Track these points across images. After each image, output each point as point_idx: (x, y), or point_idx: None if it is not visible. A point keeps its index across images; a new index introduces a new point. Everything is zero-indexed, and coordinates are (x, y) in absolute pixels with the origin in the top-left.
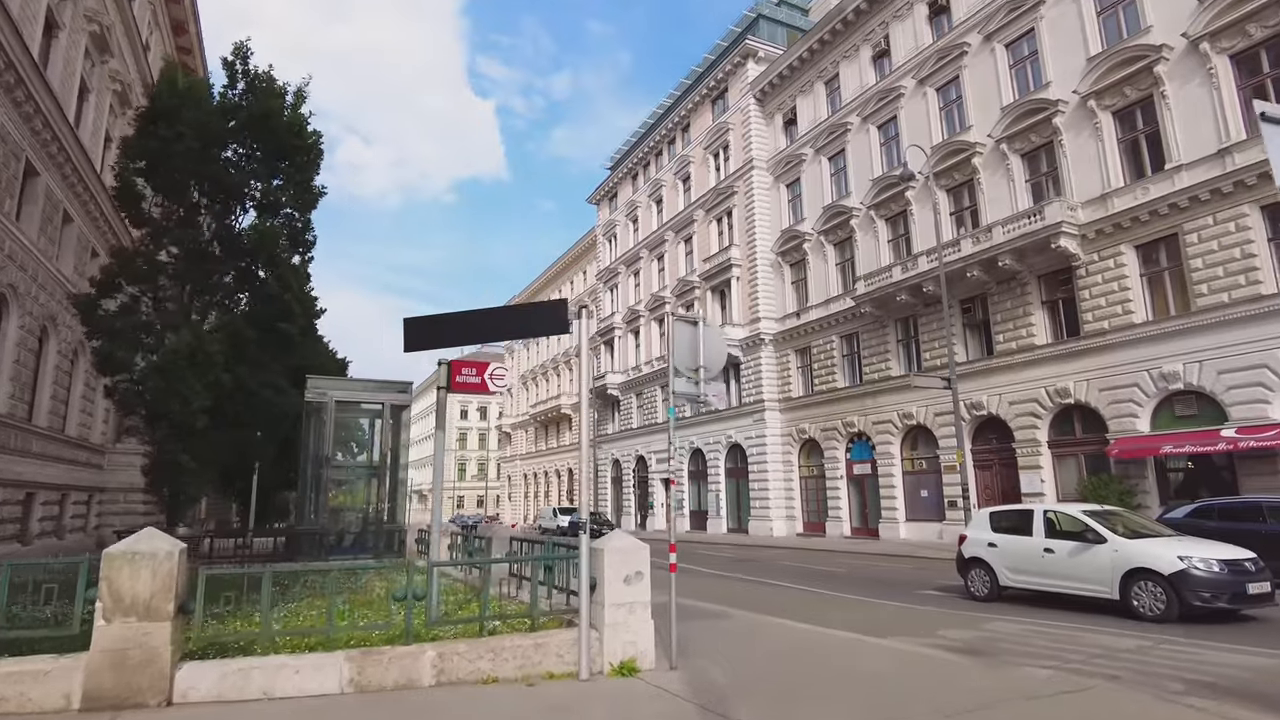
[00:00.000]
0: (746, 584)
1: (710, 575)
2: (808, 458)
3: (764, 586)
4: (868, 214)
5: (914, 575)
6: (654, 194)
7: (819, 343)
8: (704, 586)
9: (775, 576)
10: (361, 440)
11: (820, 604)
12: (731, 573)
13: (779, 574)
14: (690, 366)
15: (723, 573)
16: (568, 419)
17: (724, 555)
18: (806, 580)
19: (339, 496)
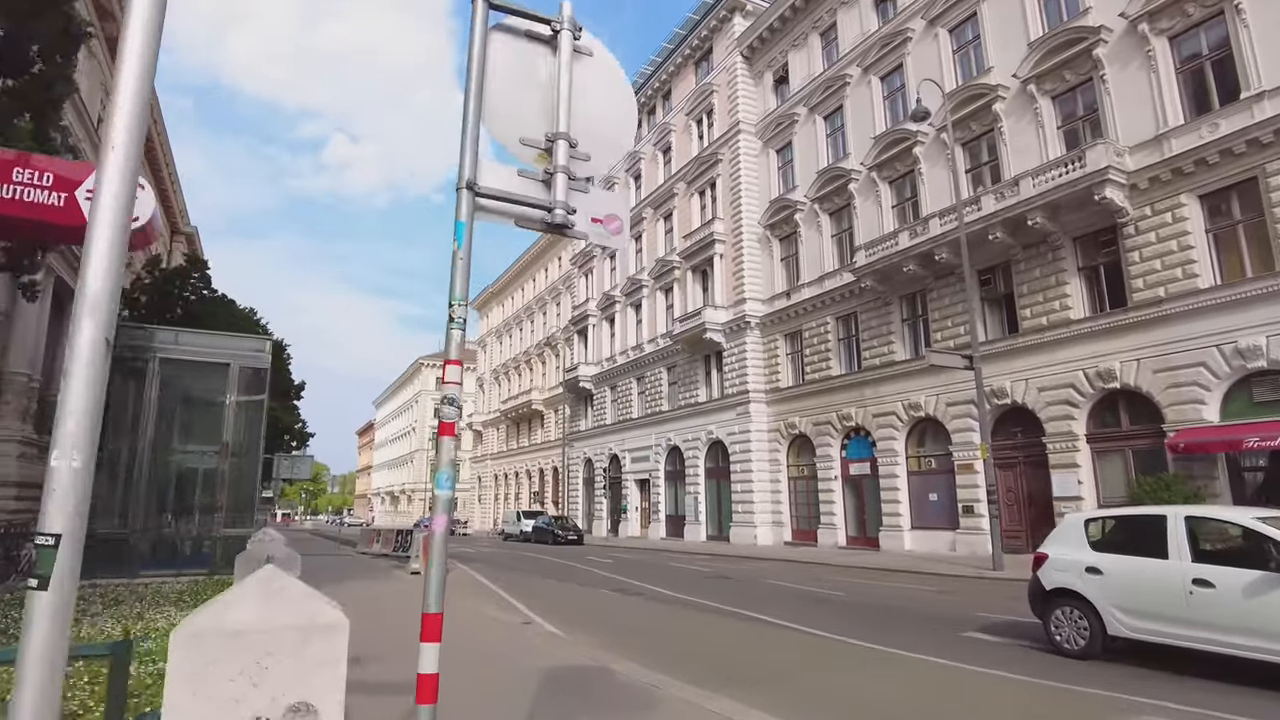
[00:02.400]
0: (714, 618)
1: (668, 602)
2: (798, 456)
3: (737, 622)
4: (869, 176)
5: (939, 602)
6: (632, 168)
7: (812, 325)
8: (650, 621)
9: (756, 603)
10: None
11: (822, 659)
12: (699, 597)
13: (762, 600)
14: (530, 138)
15: (688, 597)
16: (540, 415)
17: (696, 569)
18: (798, 610)
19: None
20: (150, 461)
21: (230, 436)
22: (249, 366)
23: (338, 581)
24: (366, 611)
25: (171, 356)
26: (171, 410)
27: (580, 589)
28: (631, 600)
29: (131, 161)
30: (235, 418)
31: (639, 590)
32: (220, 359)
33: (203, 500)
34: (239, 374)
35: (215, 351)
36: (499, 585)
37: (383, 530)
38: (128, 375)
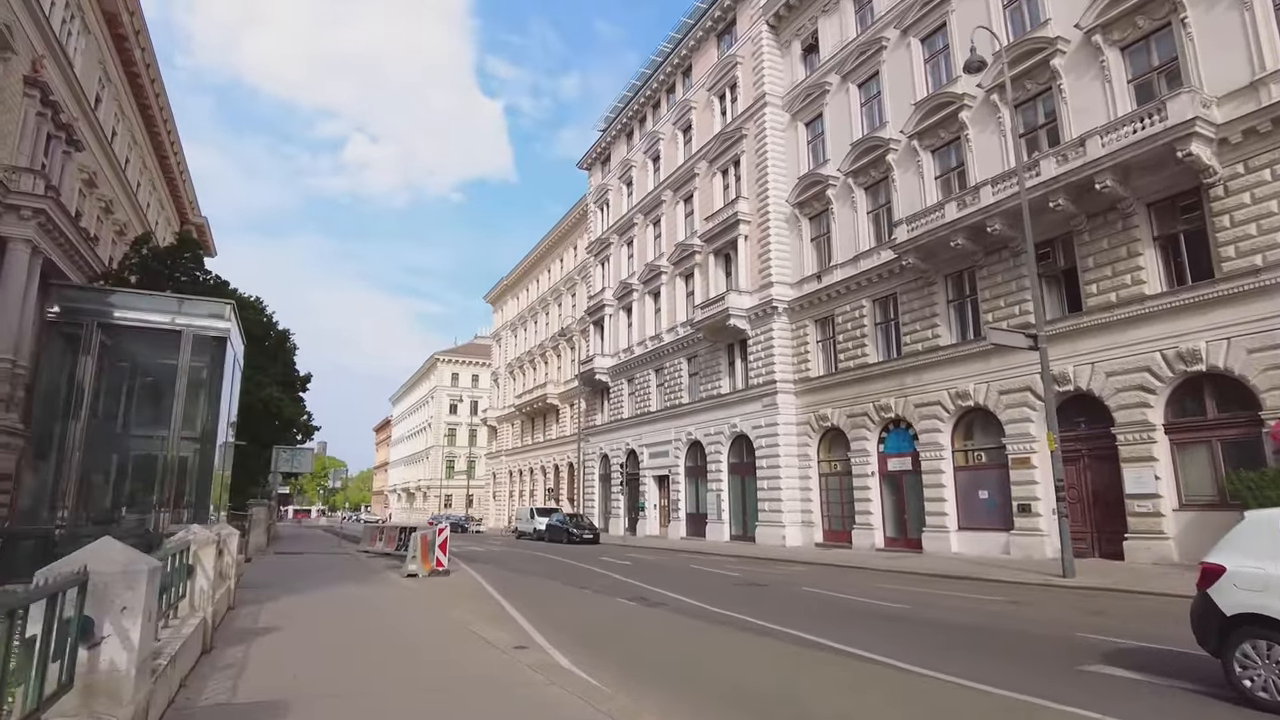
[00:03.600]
0: (759, 640)
1: (698, 616)
2: (830, 450)
3: (790, 647)
4: (909, 146)
5: (1023, 618)
6: (650, 149)
7: (845, 309)
8: (681, 645)
9: (805, 619)
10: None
11: (931, 712)
12: (734, 610)
13: (812, 615)
14: None
15: (721, 610)
16: (555, 410)
17: (723, 574)
18: (862, 630)
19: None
20: (86, 447)
21: (181, 419)
22: (206, 334)
23: (310, 587)
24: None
25: (112, 322)
26: (115, 388)
27: (594, 597)
28: (654, 614)
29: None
30: (189, 397)
31: (662, 600)
32: (170, 325)
33: (147, 493)
34: (193, 343)
35: (163, 316)
36: (501, 591)
37: (385, 527)
38: (62, 345)
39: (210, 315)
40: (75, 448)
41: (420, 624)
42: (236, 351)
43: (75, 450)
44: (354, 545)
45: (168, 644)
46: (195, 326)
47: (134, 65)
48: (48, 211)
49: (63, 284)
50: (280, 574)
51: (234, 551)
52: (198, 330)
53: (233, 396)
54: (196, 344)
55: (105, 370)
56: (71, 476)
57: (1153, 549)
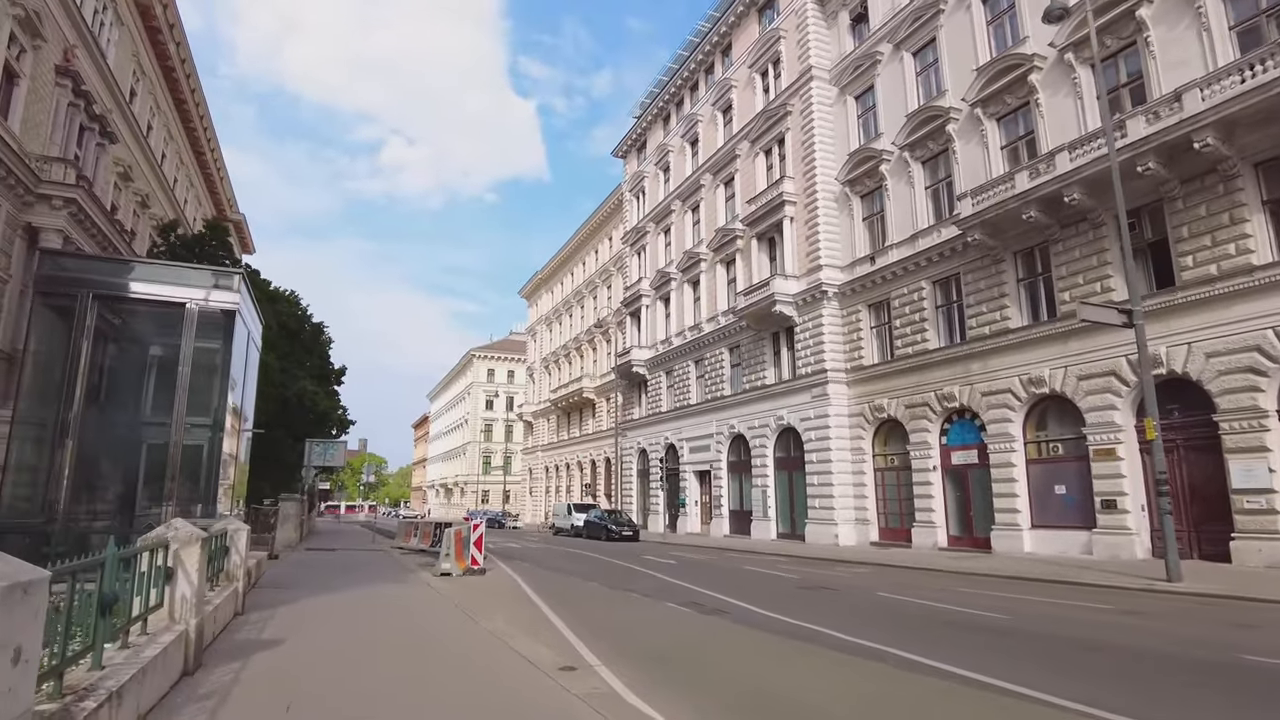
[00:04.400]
0: (846, 660)
1: (762, 627)
2: (886, 443)
3: (890, 671)
4: (971, 114)
5: (1161, 633)
6: (688, 133)
7: (902, 292)
8: (752, 663)
9: (882, 630)
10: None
11: None
12: (803, 618)
13: (887, 625)
14: None
15: (788, 619)
16: (591, 404)
17: (779, 575)
18: (957, 647)
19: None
20: (81, 436)
21: (186, 404)
22: (213, 308)
23: (333, 588)
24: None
25: (109, 293)
26: (112, 369)
27: (642, 602)
28: (712, 623)
29: None
30: (196, 379)
31: (719, 606)
32: (172, 297)
33: (148, 486)
34: (198, 318)
35: (165, 287)
36: (540, 594)
37: (420, 523)
38: (53, 320)
39: (217, 286)
40: (69, 436)
41: (450, 636)
42: (252, 330)
43: (69, 439)
44: (389, 541)
45: (111, 674)
46: (200, 299)
47: (169, 59)
48: (79, 201)
49: (53, 249)
50: (305, 573)
51: (243, 549)
52: (203, 303)
53: (248, 380)
54: (203, 319)
55: (102, 349)
56: (65, 468)
57: (1265, 551)
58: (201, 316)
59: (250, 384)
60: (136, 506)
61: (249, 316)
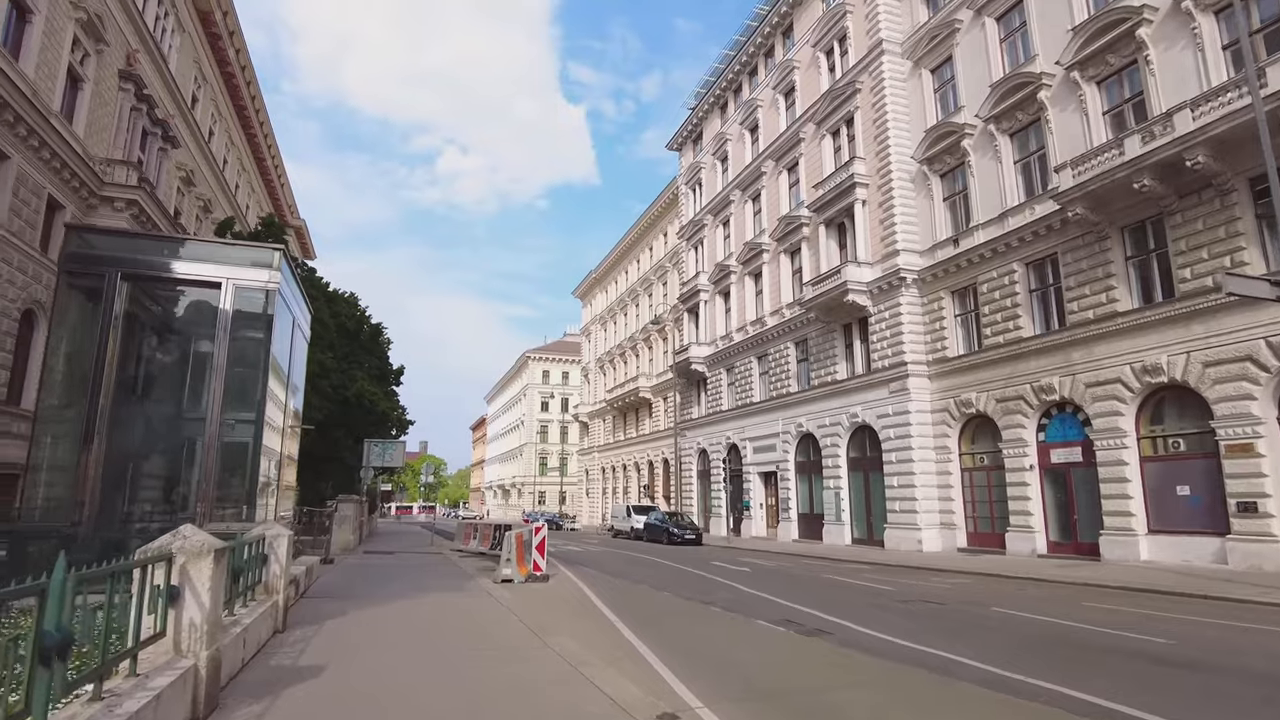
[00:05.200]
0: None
1: (883, 654)
2: (974, 441)
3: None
4: (1067, 79)
5: None
6: (748, 119)
7: (991, 276)
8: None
9: (1028, 660)
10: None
11: None
12: (917, 641)
13: (1032, 651)
14: None
15: (898, 640)
16: (647, 404)
17: (869, 586)
18: (1144, 690)
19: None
20: (109, 431)
21: (222, 395)
22: (251, 287)
23: (386, 598)
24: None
25: (138, 272)
26: (144, 357)
27: (727, 619)
28: (818, 648)
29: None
30: (234, 367)
31: (818, 625)
32: (206, 275)
33: (182, 486)
34: (234, 299)
35: (198, 265)
36: (611, 606)
37: (479, 524)
38: (80, 303)
39: (253, 263)
40: (96, 432)
41: (517, 665)
42: (297, 317)
43: (96, 435)
44: (448, 543)
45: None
46: (238, 278)
47: (229, 65)
48: (140, 203)
49: (80, 225)
50: (359, 579)
51: (284, 558)
52: (240, 282)
53: (293, 370)
54: (240, 301)
55: (133, 336)
56: (92, 467)
57: None
58: (239, 297)
59: (298, 375)
60: (170, 509)
61: (292, 300)
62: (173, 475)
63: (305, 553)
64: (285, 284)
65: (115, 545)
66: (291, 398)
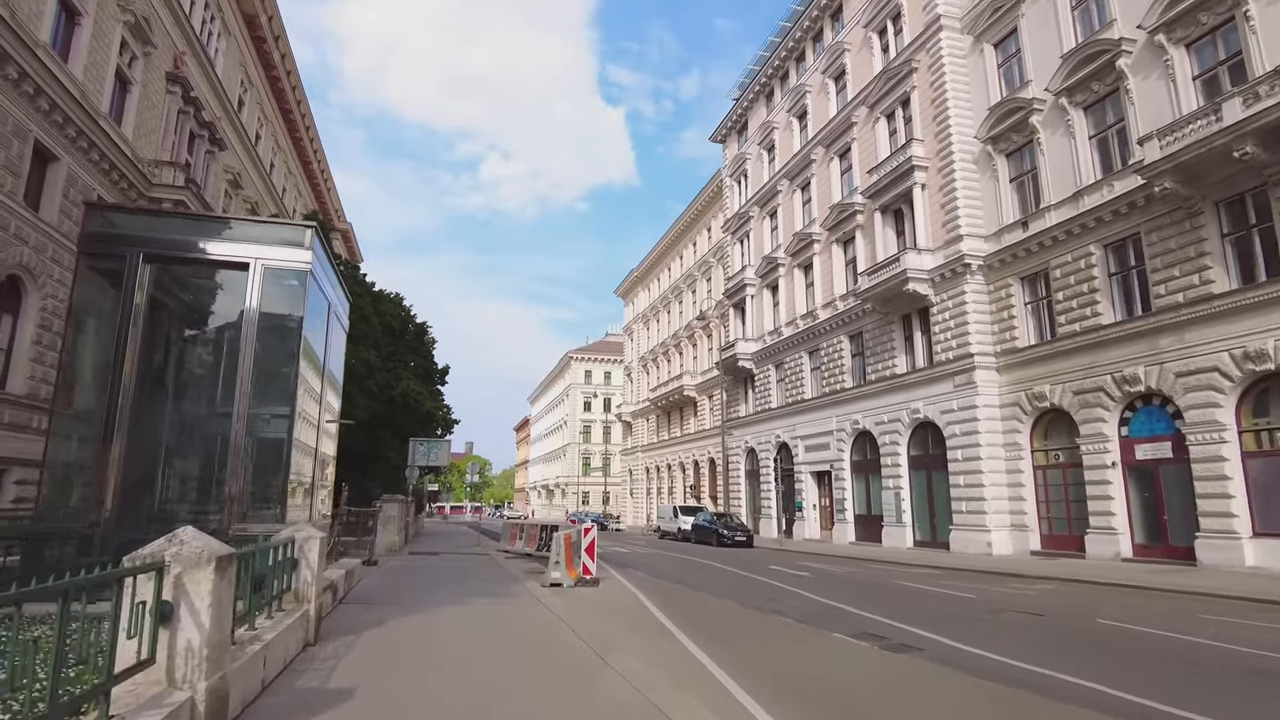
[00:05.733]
0: None
1: (985, 682)
2: (1048, 437)
3: None
4: (1151, 43)
5: None
6: (795, 106)
7: (1065, 260)
8: None
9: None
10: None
11: None
12: (1027, 660)
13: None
14: None
15: (1004, 659)
16: (692, 403)
17: (952, 595)
18: None
19: None
20: (130, 426)
21: (250, 386)
22: (281, 267)
23: (428, 605)
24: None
25: (161, 252)
26: (167, 346)
27: (800, 631)
28: (912, 667)
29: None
30: (263, 357)
31: (903, 639)
32: (233, 255)
33: (208, 485)
34: (263, 281)
35: (224, 244)
36: (671, 617)
37: (525, 524)
38: (100, 287)
39: (284, 242)
40: (116, 427)
41: (576, 691)
42: (332, 301)
43: (116, 430)
44: (493, 543)
45: None
46: (268, 258)
47: (274, 69)
48: (187, 203)
49: (101, 203)
50: (401, 583)
51: (315, 562)
52: (269, 262)
53: (330, 361)
54: (270, 283)
55: (157, 323)
56: (113, 465)
57: None
58: (269, 280)
59: (335, 366)
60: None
61: (327, 284)
62: (200, 474)
63: (351, 553)
64: (319, 265)
65: (134, 547)
66: (329, 390)
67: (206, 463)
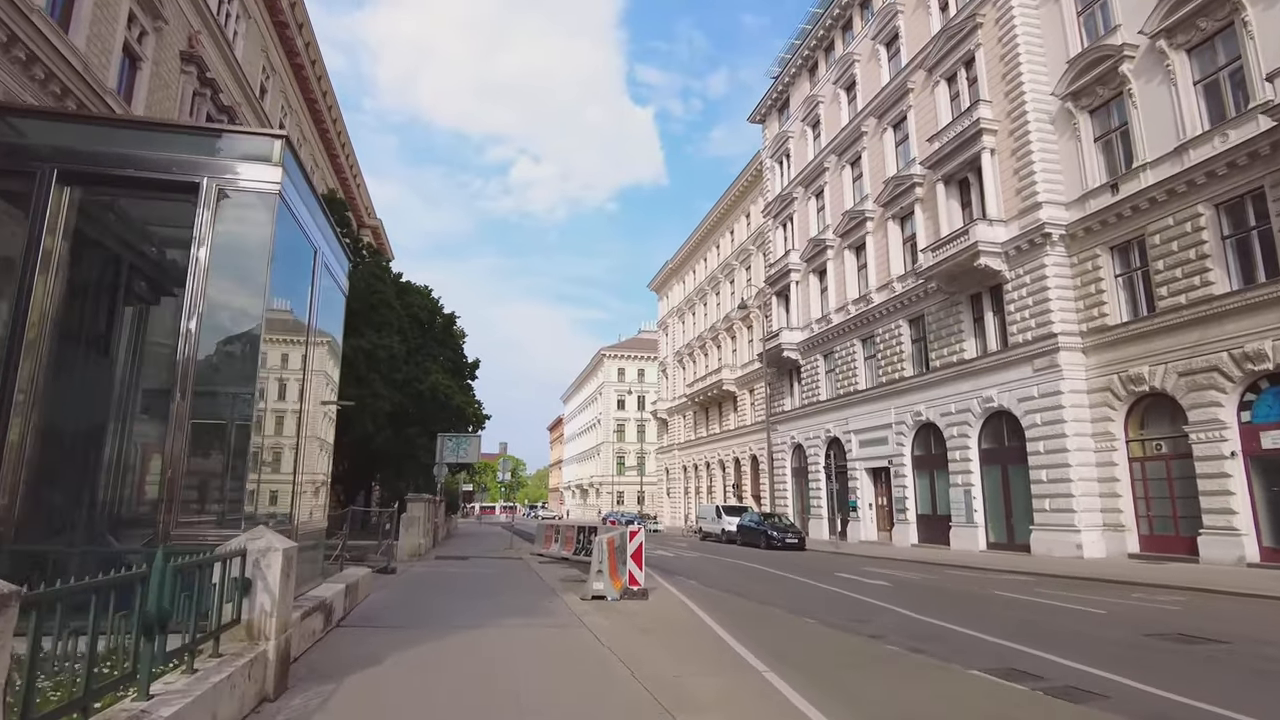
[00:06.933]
0: None
1: None
2: (1147, 424)
3: None
4: None
5: None
6: (842, 77)
7: (1167, 224)
8: None
9: None
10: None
11: None
12: (1241, 710)
13: None
14: None
15: (1213, 708)
16: (731, 398)
17: (1078, 610)
18: None
19: None
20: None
21: (191, 352)
22: (242, 188)
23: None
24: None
25: (84, 169)
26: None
27: (924, 666)
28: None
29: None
30: (209, 310)
31: (1070, 680)
32: (180, 172)
33: (120, 482)
34: (217, 207)
35: (167, 154)
36: (748, 644)
37: (560, 526)
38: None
39: (246, 157)
40: (14, 406)
41: None
42: (320, 247)
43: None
44: (527, 545)
45: None
46: (221, 175)
47: (298, 56)
48: None
49: (5, 106)
50: (419, 596)
51: (277, 584)
52: (228, 180)
53: (317, 319)
54: (227, 212)
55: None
56: (10, 454)
57: None
58: (226, 207)
59: (328, 331)
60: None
61: (310, 222)
62: (138, 467)
63: (370, 559)
64: (294, 192)
65: (34, 563)
66: (321, 362)
67: (142, 453)
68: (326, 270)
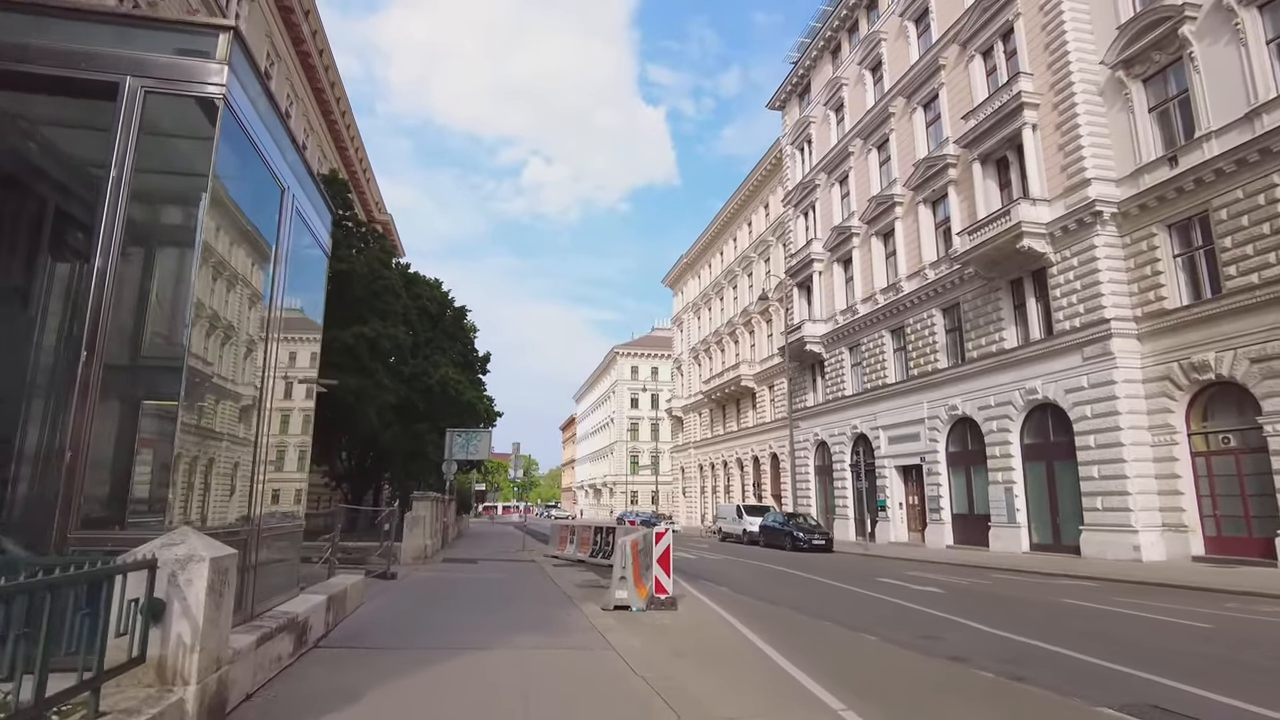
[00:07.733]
0: None
1: None
2: (1211, 415)
3: None
4: None
5: None
6: (868, 58)
7: (1235, 197)
8: None
9: None
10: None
11: None
12: None
13: None
14: None
15: None
16: (750, 394)
17: (1171, 623)
18: None
19: None
20: None
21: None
22: (176, 90)
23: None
24: None
25: None
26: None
27: (1023, 697)
28: None
29: None
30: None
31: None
32: (95, 69)
33: (24, 472)
34: (143, 115)
35: (81, 47)
36: (808, 670)
37: (575, 526)
38: None
39: (183, 52)
40: None
41: None
42: (289, 183)
43: None
44: (541, 546)
45: None
46: (147, 75)
47: (304, 43)
48: None
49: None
50: (418, 608)
51: (200, 607)
52: (156, 84)
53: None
54: (151, 110)
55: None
56: None
57: None
58: (156, 114)
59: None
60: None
61: (270, 145)
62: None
63: (371, 562)
64: (252, 106)
65: None
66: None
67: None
68: (301, 220)
